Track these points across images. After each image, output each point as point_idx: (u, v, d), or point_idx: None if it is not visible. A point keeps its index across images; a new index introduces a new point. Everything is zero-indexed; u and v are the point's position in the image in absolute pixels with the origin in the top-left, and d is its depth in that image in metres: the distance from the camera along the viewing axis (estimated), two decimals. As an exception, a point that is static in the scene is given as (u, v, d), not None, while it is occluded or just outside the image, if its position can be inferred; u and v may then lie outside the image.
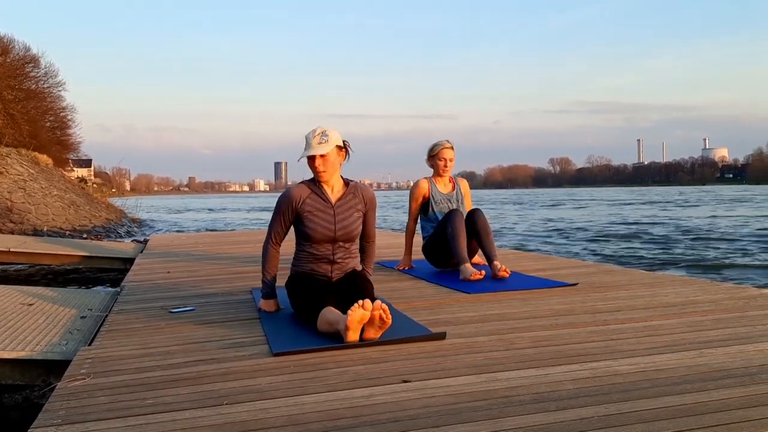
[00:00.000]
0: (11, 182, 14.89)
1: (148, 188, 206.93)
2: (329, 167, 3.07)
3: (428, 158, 4.77)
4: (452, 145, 4.73)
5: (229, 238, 9.31)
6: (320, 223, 3.08)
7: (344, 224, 3.11)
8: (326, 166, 3.06)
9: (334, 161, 3.08)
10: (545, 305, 3.36)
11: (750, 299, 3.36)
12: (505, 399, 1.90)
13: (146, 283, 4.70)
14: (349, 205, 3.15)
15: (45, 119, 29.48)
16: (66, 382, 2.20)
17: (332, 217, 3.09)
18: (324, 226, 3.07)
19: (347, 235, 3.12)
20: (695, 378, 2.05)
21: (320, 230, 3.07)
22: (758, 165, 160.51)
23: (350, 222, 3.13)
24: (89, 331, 3.24)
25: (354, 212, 3.15)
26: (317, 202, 3.11)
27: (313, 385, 2.10)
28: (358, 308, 2.52)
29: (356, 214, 3.16)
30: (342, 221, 3.10)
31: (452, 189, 4.83)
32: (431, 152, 4.73)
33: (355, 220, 3.15)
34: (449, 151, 4.69)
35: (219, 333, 2.92)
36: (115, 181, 63.29)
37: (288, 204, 3.12)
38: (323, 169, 3.06)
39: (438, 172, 4.75)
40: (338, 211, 3.11)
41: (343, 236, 3.11)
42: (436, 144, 4.74)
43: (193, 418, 1.82)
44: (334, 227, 3.08)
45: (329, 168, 3.07)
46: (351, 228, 3.13)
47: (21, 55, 26.90)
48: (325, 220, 3.08)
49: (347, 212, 3.13)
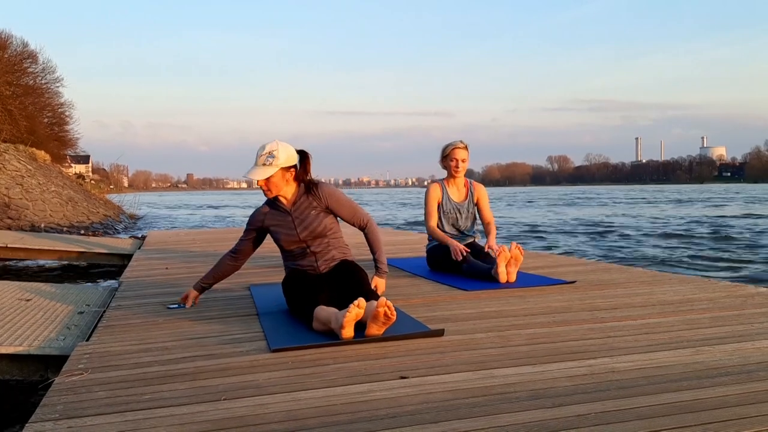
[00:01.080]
0: (9, 178, 14.87)
1: (146, 185, 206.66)
2: (273, 188, 3.09)
3: (441, 159, 4.60)
4: (466, 145, 4.54)
5: (227, 234, 9.30)
6: (284, 232, 3.17)
7: (304, 225, 3.14)
8: (270, 187, 3.09)
9: (278, 182, 3.08)
10: (543, 303, 3.36)
11: (748, 297, 3.37)
12: (502, 395, 1.90)
13: (144, 279, 4.69)
14: (304, 206, 3.16)
15: (43, 115, 29.40)
16: (63, 378, 2.20)
17: (292, 223, 3.15)
18: (287, 233, 3.16)
19: (312, 233, 3.14)
20: (692, 375, 2.05)
21: (285, 238, 3.17)
22: (756, 164, 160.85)
23: (310, 221, 3.14)
24: (87, 326, 3.24)
25: (311, 211, 3.16)
26: (276, 215, 3.20)
27: (311, 380, 2.10)
28: (354, 308, 2.55)
29: (314, 212, 3.16)
30: (301, 223, 3.14)
31: (465, 196, 4.60)
32: (443, 153, 4.56)
33: (315, 217, 3.15)
34: (461, 152, 4.50)
35: (217, 329, 2.92)
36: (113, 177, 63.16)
37: (252, 225, 3.29)
38: (266, 189, 3.10)
39: (451, 173, 4.56)
40: (295, 215, 3.16)
41: (308, 236, 3.15)
42: (448, 144, 4.56)
43: (191, 413, 1.82)
44: (296, 231, 3.15)
45: (273, 188, 3.10)
46: (313, 226, 3.14)
47: (19, 50, 26.81)
48: (287, 227, 3.16)
49: (304, 213, 3.15)
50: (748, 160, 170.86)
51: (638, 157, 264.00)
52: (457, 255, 4.26)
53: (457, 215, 4.56)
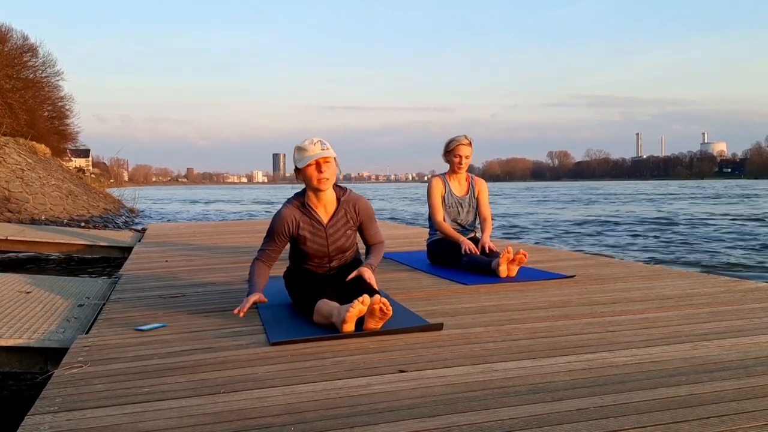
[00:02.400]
0: (9, 171, 14.86)
1: (146, 179, 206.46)
2: (332, 174, 2.95)
3: (444, 153, 4.58)
4: (470, 141, 4.51)
5: (226, 228, 9.30)
6: (314, 244, 3.05)
7: (337, 244, 3.09)
8: (330, 173, 2.93)
9: (334, 170, 2.96)
10: (542, 297, 3.37)
11: (747, 292, 3.37)
12: (501, 389, 1.90)
13: (144, 272, 4.70)
14: (341, 224, 3.09)
15: (43, 109, 29.38)
16: (63, 370, 2.20)
17: (325, 239, 3.06)
18: (317, 247, 3.06)
19: (340, 250, 3.11)
20: (690, 370, 2.05)
21: (315, 248, 3.06)
22: (756, 159, 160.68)
23: (343, 241, 3.10)
24: (87, 319, 3.24)
25: (347, 230, 3.11)
26: (309, 225, 3.05)
27: (311, 374, 2.10)
28: (358, 304, 2.55)
29: (349, 232, 3.12)
30: (335, 241, 3.08)
31: (467, 190, 4.61)
32: (447, 147, 4.54)
33: (349, 237, 3.12)
34: (466, 148, 4.48)
35: (216, 322, 2.92)
36: (113, 171, 63.12)
37: (281, 228, 3.04)
38: (328, 175, 2.92)
39: (453, 169, 4.55)
40: (330, 232, 3.06)
41: (336, 252, 3.10)
42: (452, 139, 4.54)
43: (190, 406, 1.82)
44: (328, 247, 3.07)
45: (332, 175, 2.95)
46: (345, 246, 3.12)
47: (19, 44, 26.77)
48: (318, 242, 3.05)
49: (339, 231, 3.09)
50: (749, 156, 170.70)
51: (639, 153, 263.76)
52: (467, 250, 4.26)
53: (458, 209, 4.57)
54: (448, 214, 4.56)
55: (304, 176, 2.96)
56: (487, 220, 4.59)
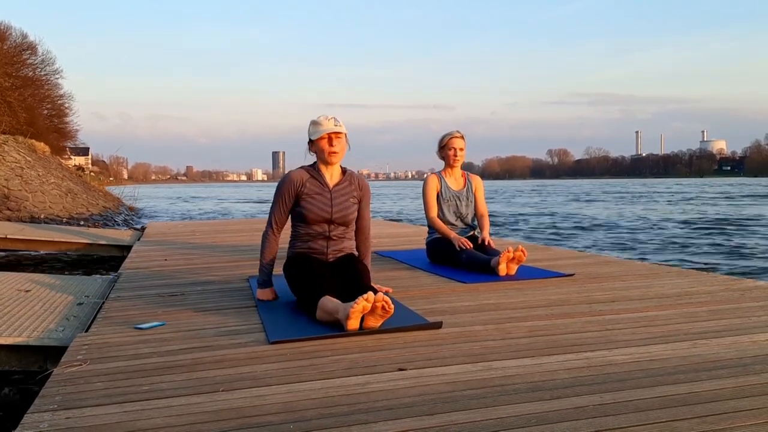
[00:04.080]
0: (8, 170, 14.85)
1: (145, 177, 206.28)
2: (342, 149, 3.16)
3: (438, 150, 4.65)
4: (462, 135, 4.60)
5: (226, 226, 9.30)
6: (317, 205, 3.15)
7: (340, 208, 3.18)
8: (341, 147, 3.14)
9: (344, 146, 3.17)
10: (541, 295, 3.37)
11: (746, 291, 3.37)
12: (501, 388, 1.90)
13: (143, 271, 4.70)
14: (345, 191, 3.23)
15: (42, 107, 29.35)
16: (62, 368, 2.20)
17: (329, 201, 3.17)
18: (321, 208, 3.15)
19: (343, 218, 3.20)
20: (689, 368, 2.06)
21: (316, 211, 3.15)
22: (756, 157, 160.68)
23: (346, 206, 3.21)
24: (86, 317, 3.25)
25: (350, 198, 3.23)
26: (315, 185, 3.18)
27: (309, 372, 2.10)
28: (363, 301, 2.56)
29: (352, 200, 3.24)
30: (338, 205, 3.18)
31: (463, 185, 4.66)
32: (441, 143, 4.62)
33: (351, 205, 3.23)
34: (459, 140, 4.56)
35: (215, 320, 2.92)
36: (113, 169, 63.16)
37: (288, 187, 3.18)
38: (338, 149, 3.13)
39: (449, 163, 4.61)
40: (335, 195, 3.19)
41: (339, 218, 3.19)
42: (445, 134, 4.62)
43: (188, 404, 1.82)
44: (331, 209, 3.16)
45: (342, 150, 3.16)
46: (347, 212, 3.21)
47: (18, 42, 26.74)
48: (322, 202, 3.16)
49: (343, 197, 3.21)
50: (748, 154, 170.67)
51: (638, 151, 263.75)
52: (460, 245, 4.30)
53: (457, 203, 4.59)
54: (449, 208, 4.58)
55: (317, 148, 3.16)
56: (484, 216, 4.64)
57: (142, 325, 2.84)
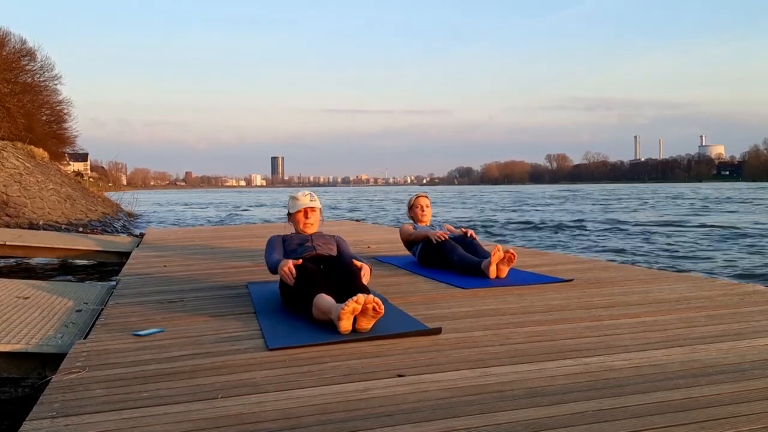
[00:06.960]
0: (7, 176, 14.85)
1: (144, 183, 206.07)
2: (316, 221, 3.65)
3: (408, 210, 5.16)
4: (426, 194, 5.23)
5: (225, 232, 9.30)
6: (296, 241, 3.55)
7: (322, 242, 3.58)
8: (315, 219, 3.64)
9: (318, 218, 3.67)
10: (540, 301, 3.37)
11: (744, 296, 3.38)
12: (499, 393, 1.91)
13: (142, 277, 4.69)
14: (325, 238, 3.65)
15: (41, 113, 29.33)
16: (61, 375, 2.20)
17: (311, 243, 3.56)
18: (304, 248, 3.51)
19: (327, 250, 3.54)
20: (688, 374, 2.06)
21: (297, 242, 3.55)
22: (754, 162, 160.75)
23: (327, 241, 3.61)
24: (85, 324, 3.24)
25: (329, 241, 3.64)
26: (296, 237, 3.62)
27: (308, 379, 2.10)
28: (353, 303, 2.60)
29: (331, 241, 3.65)
30: (318, 241, 3.58)
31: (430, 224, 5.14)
32: (409, 204, 5.14)
33: (332, 241, 3.64)
34: (424, 199, 5.13)
35: (214, 327, 2.92)
36: (112, 175, 63.15)
37: (276, 242, 3.60)
38: (313, 221, 3.63)
39: (418, 219, 5.04)
40: (315, 237, 3.62)
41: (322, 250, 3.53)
42: (411, 197, 5.18)
43: (187, 411, 1.82)
44: (313, 245, 3.53)
45: (316, 222, 3.65)
46: (328, 246, 3.58)
47: (17, 48, 26.75)
48: (304, 246, 3.54)
49: (323, 238, 3.64)
50: (747, 159, 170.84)
51: (637, 156, 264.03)
52: (437, 237, 4.59)
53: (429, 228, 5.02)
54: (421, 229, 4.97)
55: (294, 219, 3.67)
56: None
57: (141, 331, 2.84)
